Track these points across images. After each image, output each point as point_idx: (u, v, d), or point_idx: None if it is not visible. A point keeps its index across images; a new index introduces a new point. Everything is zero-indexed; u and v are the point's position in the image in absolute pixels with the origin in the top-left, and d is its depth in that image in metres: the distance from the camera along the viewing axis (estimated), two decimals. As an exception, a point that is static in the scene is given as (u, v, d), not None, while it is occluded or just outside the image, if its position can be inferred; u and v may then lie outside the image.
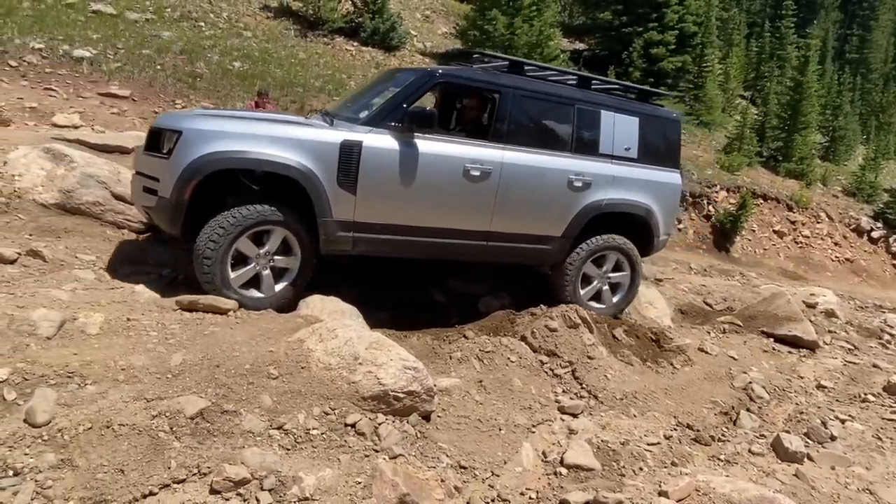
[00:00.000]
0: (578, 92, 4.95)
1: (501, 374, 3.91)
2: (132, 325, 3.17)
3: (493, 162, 4.37)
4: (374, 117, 4.11)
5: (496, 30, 14.61)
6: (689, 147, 17.91)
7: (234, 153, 3.67)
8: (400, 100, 4.17)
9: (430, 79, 4.33)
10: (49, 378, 2.62)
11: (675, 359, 4.85)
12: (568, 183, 4.69)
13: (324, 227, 3.93)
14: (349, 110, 4.49)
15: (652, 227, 5.17)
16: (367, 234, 4.09)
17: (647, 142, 5.10)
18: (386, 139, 4.04)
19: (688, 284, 8.15)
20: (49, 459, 2.27)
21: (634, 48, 17.85)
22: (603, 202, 4.87)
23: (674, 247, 13.04)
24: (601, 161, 4.87)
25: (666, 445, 3.70)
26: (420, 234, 4.28)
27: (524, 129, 4.56)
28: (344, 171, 3.90)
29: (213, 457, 2.45)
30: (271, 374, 2.95)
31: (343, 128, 4.03)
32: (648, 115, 5.18)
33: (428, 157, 4.15)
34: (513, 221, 4.58)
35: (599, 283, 5.16)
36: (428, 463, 2.91)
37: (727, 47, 26.28)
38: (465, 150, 4.34)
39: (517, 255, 4.76)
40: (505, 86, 4.51)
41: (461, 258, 4.64)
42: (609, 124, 4.91)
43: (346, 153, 3.90)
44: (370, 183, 3.98)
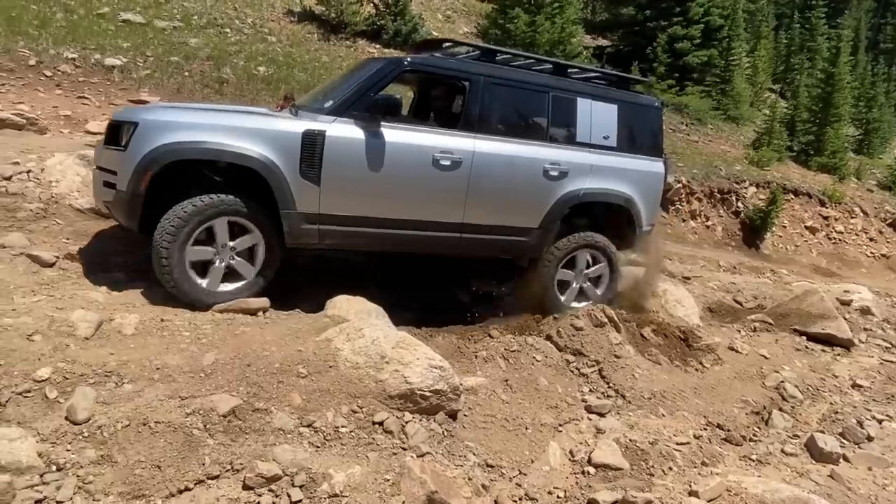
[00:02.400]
0: (553, 79, 4.78)
1: (527, 374, 3.90)
2: (166, 326, 3.26)
3: (463, 151, 4.22)
4: (339, 106, 3.97)
5: (518, 28, 14.54)
6: (716, 142, 17.60)
7: (191, 144, 3.57)
8: (365, 88, 4.03)
9: (396, 67, 4.19)
10: (88, 377, 2.71)
11: (704, 358, 4.78)
12: (543, 172, 4.53)
13: (287, 220, 3.81)
14: (316, 102, 4.34)
15: (633, 216, 5.00)
16: (333, 227, 3.96)
17: (627, 130, 4.95)
18: (350, 129, 3.91)
19: (717, 282, 8.01)
20: (90, 455, 2.35)
21: (658, 43, 17.58)
22: (581, 192, 4.70)
23: (702, 244, 12.82)
24: (578, 150, 4.71)
25: (696, 445, 3.66)
26: (389, 227, 4.13)
27: (496, 118, 4.41)
28: (307, 162, 3.78)
29: (246, 454, 2.50)
30: (300, 372, 3.00)
31: (306, 118, 3.92)
32: (628, 103, 5.03)
33: (395, 146, 4.01)
34: (486, 213, 4.43)
35: (579, 283, 4.96)
36: (455, 461, 2.92)
37: (755, 40, 25.72)
38: (435, 139, 4.19)
39: (493, 247, 4.62)
40: (475, 73, 4.36)
41: (435, 251, 4.49)
42: (586, 112, 4.75)
43: (308, 143, 3.78)
44: (335, 174, 3.85)
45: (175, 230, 3.52)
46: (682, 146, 15.82)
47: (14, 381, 2.61)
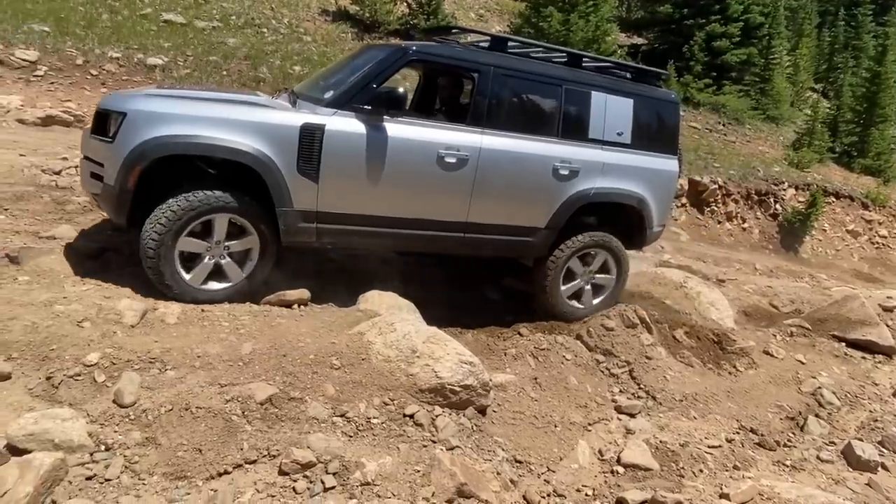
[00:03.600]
0: (567, 71, 4.51)
1: (557, 372, 3.91)
2: (206, 316, 3.37)
3: (470, 148, 4.03)
4: (339, 98, 3.76)
5: (551, 26, 14.44)
6: (754, 143, 17.18)
7: (183, 138, 3.40)
8: (368, 79, 3.82)
9: (401, 56, 3.95)
10: (134, 363, 2.83)
11: (738, 361, 4.70)
12: (553, 171, 4.31)
13: (283, 218, 3.67)
14: (316, 89, 4.12)
15: (644, 218, 4.79)
16: (331, 225, 3.82)
17: (641, 126, 4.69)
18: (351, 123, 3.73)
19: (752, 285, 7.84)
20: (135, 437, 2.47)
21: (696, 41, 17.24)
22: (591, 192, 4.49)
23: (737, 247, 12.55)
24: (590, 147, 4.48)
25: (728, 448, 3.61)
26: (390, 226, 3.98)
27: (505, 112, 4.18)
28: (305, 158, 3.61)
29: (282, 440, 2.58)
30: (334, 364, 3.08)
31: (305, 110, 3.74)
32: (644, 97, 4.75)
33: (398, 142, 3.83)
34: (492, 212, 4.24)
35: (582, 282, 4.79)
36: (484, 456, 2.96)
37: (797, 38, 24.99)
38: (440, 134, 3.99)
39: (498, 247, 4.44)
40: (485, 64, 4.11)
41: (437, 251, 4.35)
42: (600, 106, 4.50)
43: (306, 138, 3.60)
44: (334, 170, 3.69)
45: (166, 224, 3.39)
46: (718, 146, 15.49)
47: (66, 365, 2.76)
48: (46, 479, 2.16)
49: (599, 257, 4.77)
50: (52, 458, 2.21)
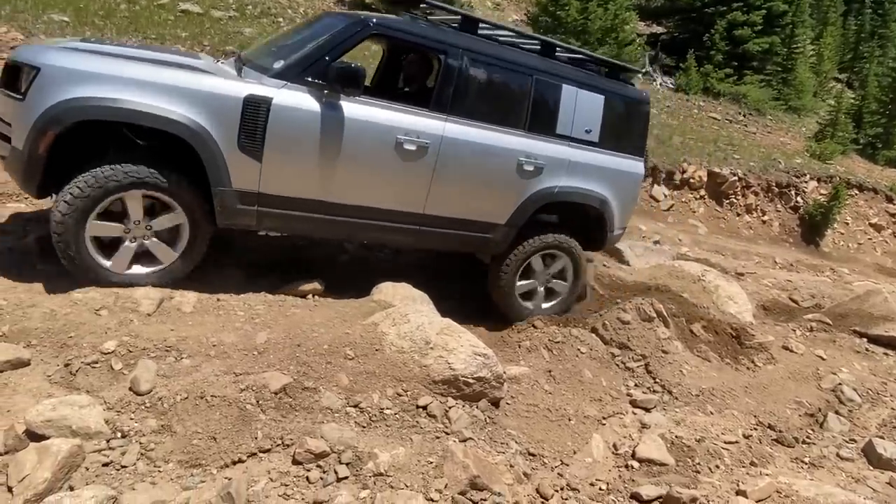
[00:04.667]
0: (539, 60, 4.26)
1: (571, 365, 3.88)
2: (221, 305, 3.39)
3: (431, 135, 3.77)
4: (290, 70, 3.44)
5: (569, 15, 14.27)
6: (775, 134, 16.86)
7: (105, 101, 2.99)
8: (323, 51, 3.49)
9: (360, 28, 3.62)
10: (150, 351, 2.86)
11: (756, 356, 4.63)
12: (517, 166, 4.10)
13: (220, 197, 3.36)
14: (265, 57, 3.78)
15: (606, 220, 4.62)
16: (275, 209, 3.54)
17: (611, 124, 4.49)
18: (302, 98, 3.42)
19: (772, 279, 7.73)
20: (151, 424, 2.49)
21: (717, 30, 16.92)
22: (555, 190, 4.30)
23: (757, 240, 12.36)
24: (557, 143, 4.27)
25: (745, 444, 3.56)
26: (341, 213, 3.71)
27: (471, 100, 3.91)
28: (247, 133, 3.29)
29: (296, 430, 2.59)
30: (348, 354, 3.08)
31: (251, 79, 3.40)
32: (616, 94, 4.55)
33: (354, 123, 3.55)
34: (451, 205, 4.01)
35: (538, 283, 4.64)
36: (497, 448, 2.94)
37: (821, 26, 24.43)
38: (400, 118, 3.70)
39: (455, 242, 4.21)
40: (453, 45, 3.82)
41: (391, 243, 4.11)
42: (570, 101, 4.28)
43: (250, 111, 3.28)
44: (280, 149, 3.40)
45: (70, 203, 3.04)
46: (738, 138, 15.22)
47: (83, 353, 2.79)
48: (64, 465, 2.18)
49: (560, 262, 4.62)
50: (70, 444, 2.23)
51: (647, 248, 7.36)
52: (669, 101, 16.32)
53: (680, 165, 12.17)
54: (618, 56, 14.87)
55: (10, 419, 2.39)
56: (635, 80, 5.47)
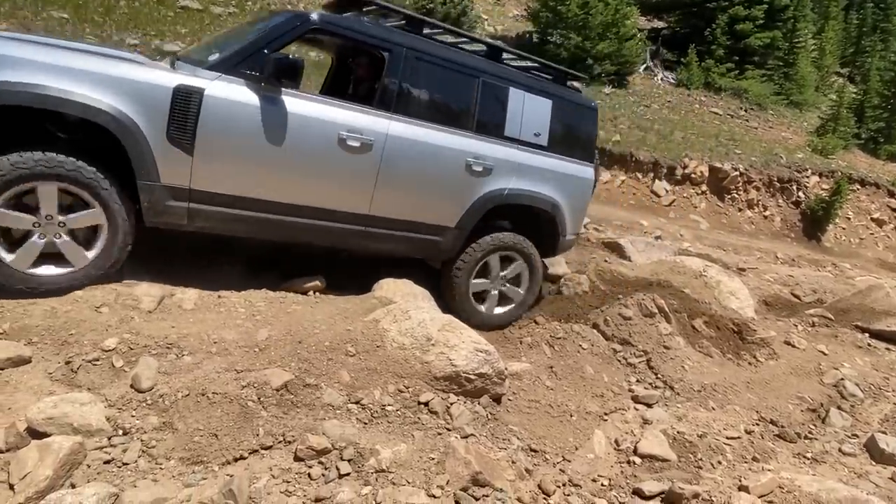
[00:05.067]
0: (486, 63, 4.25)
1: (573, 361, 3.87)
2: (222, 302, 3.39)
3: (375, 132, 3.67)
4: (225, 61, 3.32)
5: (569, 10, 14.21)
6: (777, 129, 16.82)
7: (23, 86, 2.81)
8: (260, 43, 3.39)
9: (301, 24, 3.52)
10: (151, 348, 2.85)
11: (758, 352, 4.62)
12: (466, 166, 4.04)
13: (147, 193, 3.18)
14: (203, 53, 3.67)
15: (557, 224, 4.58)
16: (207, 207, 3.35)
17: (559, 129, 4.50)
18: (238, 90, 3.29)
19: (774, 274, 7.71)
20: (152, 422, 2.48)
21: (718, 25, 16.85)
22: (505, 192, 4.24)
23: (758, 235, 12.35)
24: (506, 145, 4.24)
25: (747, 440, 3.55)
26: (280, 213, 3.55)
27: (417, 99, 3.86)
28: (177, 125, 3.14)
29: (297, 427, 2.59)
30: (349, 351, 3.07)
31: (183, 71, 3.25)
32: (564, 100, 4.57)
33: (293, 118, 3.42)
34: (398, 206, 3.91)
35: (492, 286, 4.52)
36: (499, 444, 2.94)
37: (822, 21, 24.35)
38: (342, 114, 3.60)
39: (403, 245, 4.08)
40: (397, 43, 3.76)
41: (336, 245, 3.95)
42: (518, 104, 4.27)
43: (181, 102, 3.13)
44: (213, 142, 3.23)
45: None
46: (740, 132, 15.19)
47: (84, 350, 2.78)
48: (65, 462, 2.18)
49: (516, 266, 4.54)
50: (71, 441, 2.23)
51: (649, 244, 7.34)
52: (670, 97, 16.28)
53: (681, 160, 12.14)
54: (619, 51, 14.83)
55: (12, 417, 2.39)
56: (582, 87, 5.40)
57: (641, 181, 11.76)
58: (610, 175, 11.36)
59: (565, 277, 5.24)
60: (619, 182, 11.50)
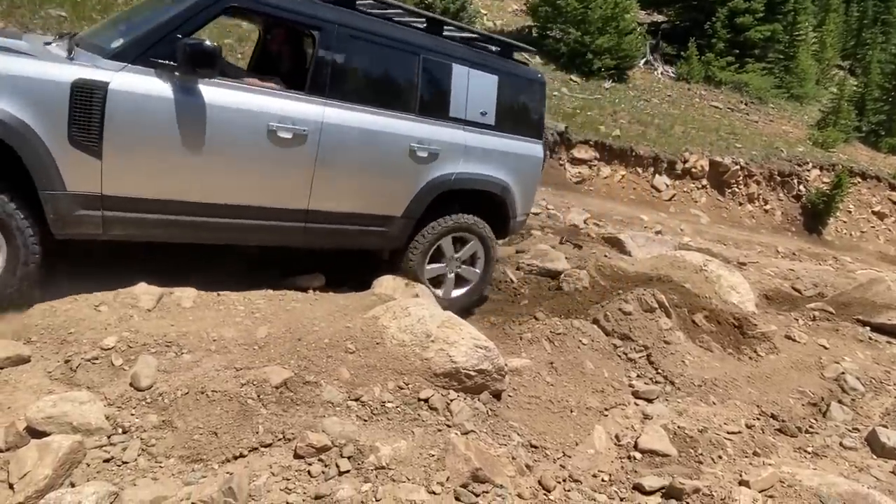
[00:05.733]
0: (427, 38, 3.95)
1: (573, 357, 3.87)
2: (221, 300, 3.38)
3: (309, 121, 3.39)
4: (131, 49, 2.93)
5: (568, 4, 14.16)
6: (778, 122, 16.77)
7: None
8: (171, 27, 3.01)
9: (215, 1, 3.16)
10: (150, 346, 2.85)
11: (759, 346, 4.61)
12: (410, 152, 3.80)
13: (52, 203, 2.84)
14: (104, 37, 3.25)
15: (508, 206, 4.40)
16: (125, 213, 3.04)
17: (506, 106, 4.27)
18: (147, 82, 2.94)
19: (774, 268, 7.70)
20: (152, 420, 2.48)
21: (718, 18, 16.79)
22: (452, 177, 4.02)
23: (759, 229, 12.33)
24: (451, 127, 4.00)
25: (748, 435, 3.55)
26: (210, 214, 3.27)
27: (353, 81, 3.57)
28: (80, 125, 2.78)
29: (297, 424, 2.58)
30: (348, 348, 3.07)
31: (82, 62, 2.86)
32: (510, 74, 4.31)
33: (214, 109, 3.10)
34: (339, 199, 3.68)
35: (447, 269, 4.35)
36: (499, 440, 2.94)
37: (823, 13, 24.27)
38: (271, 103, 3.30)
39: (347, 239, 3.89)
40: (327, 20, 3.44)
41: (273, 243, 3.72)
42: (462, 82, 4.00)
43: (81, 99, 2.77)
44: (123, 143, 2.90)
45: None
46: (740, 126, 15.15)
47: (83, 349, 2.78)
48: (65, 461, 2.18)
49: (470, 247, 4.37)
50: (71, 440, 2.23)
51: (649, 239, 7.34)
52: (671, 91, 16.23)
53: (681, 155, 12.12)
54: (619, 45, 14.77)
55: (11, 416, 2.39)
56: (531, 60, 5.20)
57: (642, 176, 11.74)
58: (610, 170, 11.35)
59: (565, 273, 5.23)
60: (620, 177, 11.48)
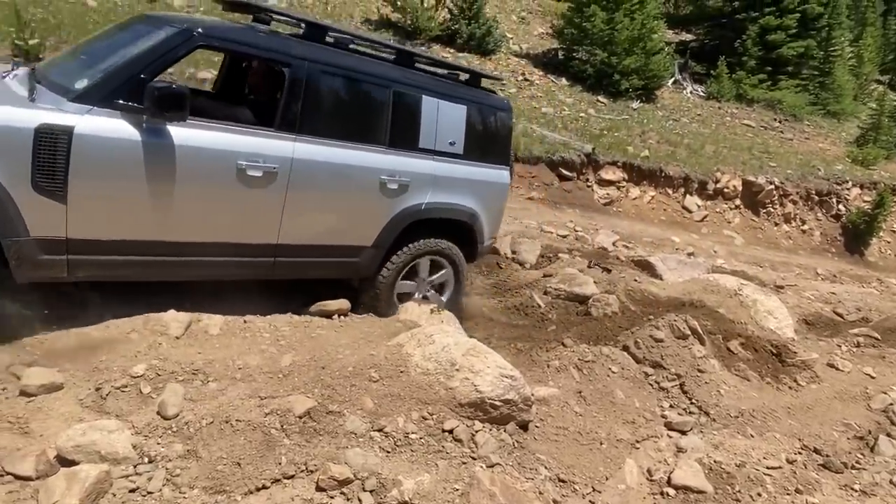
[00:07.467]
0: (396, 70, 3.99)
1: (602, 385, 3.77)
2: (248, 327, 3.41)
3: (279, 158, 3.36)
4: (96, 91, 2.87)
5: (594, 26, 14.19)
6: (814, 140, 16.37)
7: None
8: (137, 67, 2.95)
9: (185, 40, 3.08)
10: (178, 374, 2.88)
11: (799, 375, 4.43)
12: (380, 185, 3.82)
13: (14, 250, 2.77)
14: (66, 72, 3.18)
15: (476, 233, 4.45)
16: (91, 256, 2.99)
17: (475, 134, 4.32)
18: (114, 125, 2.88)
19: (814, 292, 7.43)
20: (177, 449, 2.49)
21: (749, 36, 16.58)
22: (422, 206, 4.06)
23: (797, 250, 11.96)
24: (421, 157, 4.03)
25: (789, 470, 3.38)
26: (179, 253, 3.24)
27: (323, 116, 3.56)
28: (44, 172, 2.72)
29: (320, 455, 2.56)
30: (372, 377, 3.04)
31: (46, 103, 2.79)
32: (478, 103, 4.38)
33: (183, 150, 3.05)
34: (308, 233, 3.67)
35: (418, 291, 4.37)
36: (525, 474, 2.86)
37: (859, 27, 23.73)
38: (240, 141, 3.26)
39: (318, 269, 3.90)
40: (296, 56, 3.43)
41: (243, 277, 3.67)
42: (432, 113, 4.03)
43: (45, 145, 2.70)
44: (89, 187, 2.86)
45: None
46: (774, 145, 14.83)
47: (114, 376, 2.82)
48: (91, 491, 2.19)
49: (443, 273, 4.42)
50: (98, 470, 2.25)
51: (681, 261, 7.17)
52: (700, 110, 16.02)
53: (713, 175, 11.89)
54: (646, 65, 14.70)
55: (43, 444, 2.43)
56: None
57: (672, 196, 11.54)
58: (639, 191, 11.20)
59: (594, 298, 5.13)
60: (649, 198, 11.32)
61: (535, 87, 14.23)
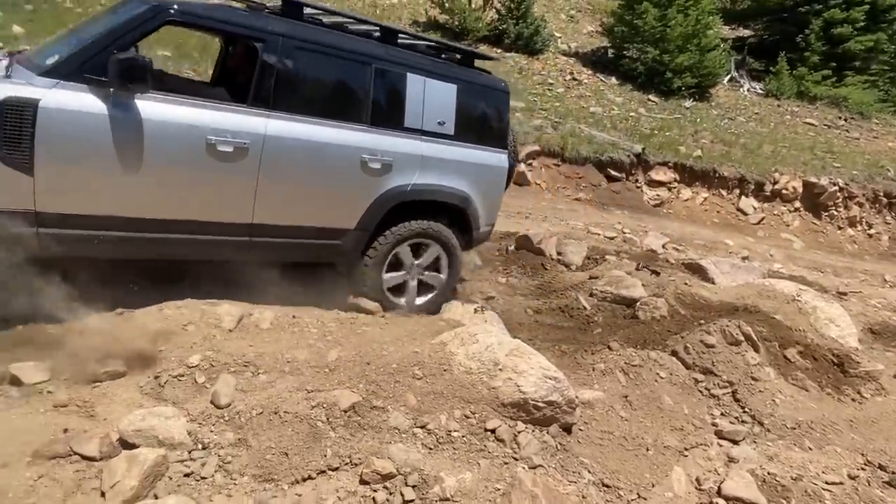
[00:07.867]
0: (379, 48, 3.90)
1: (649, 391, 3.68)
2: (296, 322, 3.50)
3: (250, 134, 3.35)
4: (64, 65, 2.96)
5: (646, 23, 13.85)
6: (883, 139, 15.46)
7: None
8: (105, 42, 3.02)
9: (155, 15, 3.13)
10: (230, 366, 2.99)
11: (863, 386, 4.19)
12: (361, 164, 3.74)
13: None
14: (45, 54, 3.29)
15: (469, 217, 4.31)
16: (62, 230, 3.04)
17: (467, 115, 4.20)
18: (79, 98, 2.94)
19: (881, 299, 7.02)
20: (229, 438, 2.59)
21: (812, 30, 15.82)
22: (408, 188, 3.96)
23: (863, 255, 11.33)
24: (407, 137, 3.94)
25: (850, 486, 3.21)
26: (148, 230, 3.24)
27: (299, 92, 3.52)
28: (10, 143, 2.81)
29: (363, 449, 2.61)
30: (416, 374, 3.07)
31: (16, 79, 2.90)
32: (470, 83, 4.24)
33: (150, 124, 3.09)
34: (285, 212, 3.61)
35: (409, 276, 4.26)
36: (568, 477, 2.82)
37: (935, 19, 22.18)
38: (209, 116, 3.27)
39: (298, 252, 3.81)
40: (270, 32, 3.42)
41: (216, 258, 3.62)
42: (418, 91, 3.94)
43: (11, 116, 2.79)
44: (55, 159, 2.92)
45: None
46: (839, 144, 14.10)
47: (171, 366, 2.96)
48: (149, 473, 2.31)
49: (431, 252, 4.27)
50: (156, 454, 2.36)
51: (735, 265, 6.89)
52: (758, 108, 15.40)
53: (771, 176, 11.42)
54: (700, 63, 14.24)
55: (107, 427, 2.57)
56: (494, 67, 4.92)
57: (726, 198, 11.15)
58: (691, 192, 10.87)
59: (642, 301, 5.01)
60: (702, 199, 10.96)
61: (583, 86, 14.01)
